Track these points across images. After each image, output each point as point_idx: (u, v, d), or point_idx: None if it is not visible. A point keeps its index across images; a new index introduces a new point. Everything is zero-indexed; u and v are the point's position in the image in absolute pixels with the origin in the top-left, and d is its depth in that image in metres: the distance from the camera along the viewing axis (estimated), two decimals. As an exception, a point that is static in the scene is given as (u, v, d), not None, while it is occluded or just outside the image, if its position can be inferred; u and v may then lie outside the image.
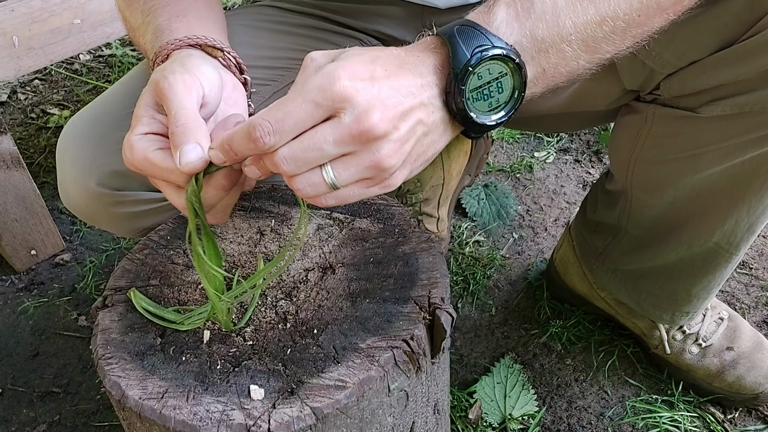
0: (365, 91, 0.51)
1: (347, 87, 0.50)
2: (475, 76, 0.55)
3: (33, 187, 1.37)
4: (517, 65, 0.56)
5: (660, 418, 1.08)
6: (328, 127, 0.51)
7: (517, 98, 0.58)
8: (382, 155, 0.52)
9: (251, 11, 0.99)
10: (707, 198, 0.88)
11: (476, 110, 0.57)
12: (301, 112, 0.51)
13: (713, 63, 0.73)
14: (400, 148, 0.53)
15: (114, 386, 0.57)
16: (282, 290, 0.65)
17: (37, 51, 1.39)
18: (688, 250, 0.95)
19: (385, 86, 0.52)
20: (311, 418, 0.53)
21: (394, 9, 0.96)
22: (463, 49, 0.54)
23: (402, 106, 0.53)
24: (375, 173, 0.53)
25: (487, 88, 0.56)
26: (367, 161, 0.52)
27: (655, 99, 0.84)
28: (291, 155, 0.52)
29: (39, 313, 1.36)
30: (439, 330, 0.61)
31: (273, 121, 0.51)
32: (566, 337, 1.22)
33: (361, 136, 0.51)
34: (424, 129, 0.55)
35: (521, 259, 1.40)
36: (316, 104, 0.51)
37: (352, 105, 0.50)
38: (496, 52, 0.54)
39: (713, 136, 0.79)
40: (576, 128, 1.64)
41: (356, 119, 0.50)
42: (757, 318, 1.25)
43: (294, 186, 0.54)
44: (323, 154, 0.52)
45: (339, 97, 0.50)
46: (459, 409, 1.10)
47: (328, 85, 0.50)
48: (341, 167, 0.53)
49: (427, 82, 0.55)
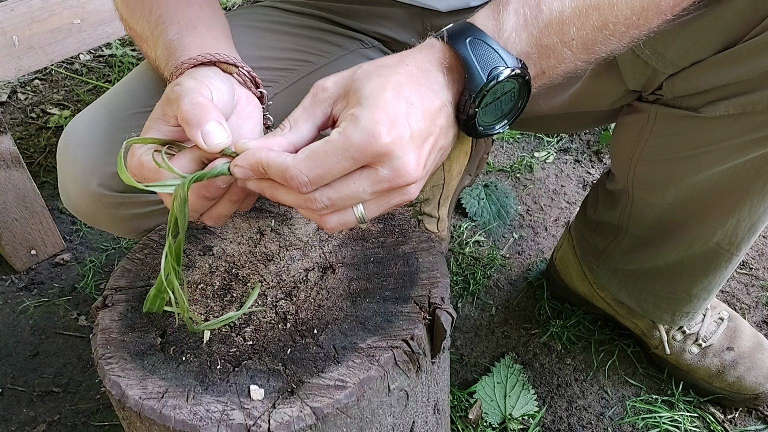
0: (401, 141, 0.52)
1: (387, 144, 0.51)
2: (488, 96, 0.57)
3: (33, 186, 1.37)
4: (525, 81, 0.57)
5: (660, 418, 1.08)
6: (366, 178, 0.53)
7: (520, 107, 0.59)
8: (411, 194, 0.55)
9: (252, 12, 0.99)
10: (709, 198, 0.88)
11: (483, 123, 0.58)
12: (340, 169, 0.52)
13: (716, 63, 0.73)
14: (424, 181, 0.56)
15: (114, 386, 0.57)
16: (282, 290, 0.65)
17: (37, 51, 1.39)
18: (688, 250, 0.95)
19: (416, 122, 0.53)
20: (311, 418, 0.53)
21: (394, 11, 0.96)
22: (478, 72, 0.55)
23: (429, 142, 0.55)
24: (400, 205, 0.57)
25: (497, 102, 0.58)
26: (398, 201, 0.55)
27: (658, 99, 0.84)
28: (328, 201, 0.53)
29: (39, 312, 1.36)
30: (439, 330, 0.61)
31: (311, 176, 0.52)
32: (566, 337, 1.22)
33: (399, 187, 0.53)
34: (441, 153, 0.58)
35: (521, 259, 1.40)
36: (356, 161, 0.52)
37: (391, 159, 0.52)
38: (509, 73, 0.56)
39: (715, 136, 0.79)
40: (578, 128, 1.63)
41: (395, 174, 0.52)
42: (757, 318, 1.25)
43: (324, 224, 0.55)
44: (359, 201, 0.54)
45: (379, 153, 0.51)
46: (459, 409, 1.10)
47: (369, 144, 0.51)
48: (373, 206, 0.55)
49: (443, 101, 0.56)
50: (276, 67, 0.91)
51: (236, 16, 0.96)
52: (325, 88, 0.57)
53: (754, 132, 0.76)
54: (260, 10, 0.99)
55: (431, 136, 0.55)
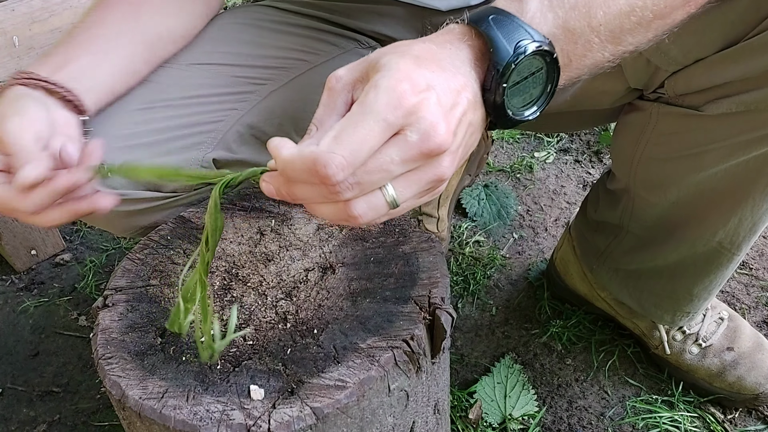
0: (427, 101, 0.48)
1: (415, 104, 0.47)
2: (515, 73, 0.53)
3: (33, 186, 1.37)
4: (554, 59, 0.54)
5: (660, 418, 1.08)
6: (393, 146, 0.48)
7: (549, 93, 0.56)
8: (444, 168, 0.50)
9: (251, 10, 0.99)
10: (711, 197, 0.88)
11: (512, 107, 0.54)
12: (375, 137, 0.47)
13: (718, 61, 0.73)
14: (456, 156, 0.51)
15: (114, 386, 0.57)
16: (282, 290, 0.65)
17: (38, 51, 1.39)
18: (690, 249, 0.95)
19: (441, 92, 0.49)
20: (311, 418, 0.53)
21: (394, 9, 0.96)
22: (504, 44, 0.52)
23: (458, 112, 0.50)
24: (435, 185, 0.51)
25: (524, 84, 0.54)
26: (430, 175, 0.50)
27: (659, 97, 0.83)
28: (355, 180, 0.48)
29: (39, 312, 1.36)
30: (439, 330, 0.60)
31: (347, 154, 0.46)
32: (566, 337, 1.22)
33: (430, 153, 0.48)
34: (472, 130, 0.53)
35: (521, 259, 1.40)
36: (388, 124, 0.47)
37: (419, 120, 0.47)
38: (537, 47, 0.52)
39: (717, 134, 0.79)
40: (579, 127, 1.63)
41: (424, 136, 0.47)
42: (757, 318, 1.25)
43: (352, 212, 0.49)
44: (389, 175, 0.49)
45: (410, 111, 0.47)
46: (459, 409, 1.10)
47: (398, 102, 0.47)
48: (403, 184, 0.50)
49: (468, 78, 0.53)
50: (272, 65, 0.91)
51: (235, 15, 0.96)
52: (340, 77, 0.53)
53: (756, 130, 0.76)
54: (258, 8, 0.99)
55: (459, 105, 0.50)
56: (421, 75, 0.49)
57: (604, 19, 0.55)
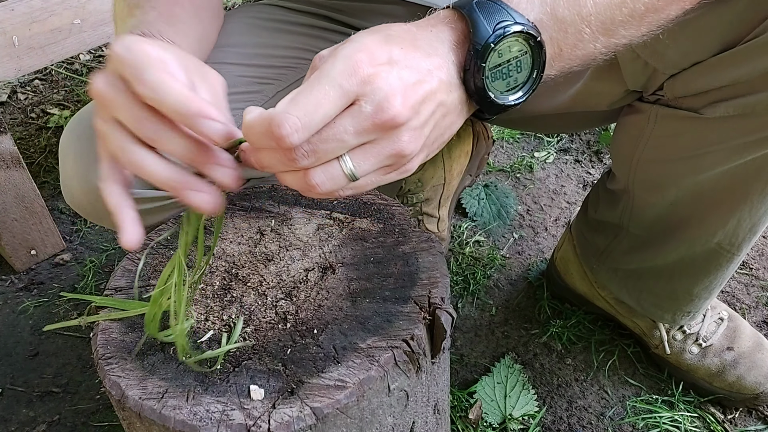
0: (386, 75, 0.48)
1: (370, 74, 0.48)
2: (495, 54, 0.53)
3: (33, 186, 1.37)
4: (538, 43, 0.54)
5: (660, 418, 1.08)
6: (347, 116, 0.48)
7: (535, 78, 0.56)
8: (403, 143, 0.50)
9: (253, 9, 0.99)
10: (709, 198, 0.88)
11: (494, 90, 0.54)
12: (329, 102, 0.47)
13: (717, 64, 0.73)
14: (419, 134, 0.51)
15: (114, 386, 0.57)
16: (282, 290, 0.65)
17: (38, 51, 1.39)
18: (689, 249, 0.95)
19: (404, 68, 0.50)
20: (311, 418, 0.53)
21: (395, 8, 0.96)
22: (484, 24, 0.52)
23: (422, 90, 0.50)
24: (395, 161, 0.51)
25: (507, 67, 0.54)
26: (387, 150, 0.50)
27: (658, 99, 0.84)
28: (310, 148, 0.48)
29: (39, 312, 1.36)
30: (439, 330, 0.60)
31: (301, 115, 0.47)
32: (566, 337, 1.22)
33: (384, 125, 0.48)
34: (443, 111, 0.53)
35: (521, 259, 1.40)
36: (343, 90, 0.48)
37: (373, 91, 0.48)
38: (518, 29, 0.52)
39: (716, 137, 0.79)
40: (578, 129, 1.63)
41: (378, 107, 0.48)
42: (757, 318, 1.25)
43: (310, 181, 0.50)
44: (343, 145, 0.49)
45: (364, 80, 0.48)
46: (459, 409, 1.10)
47: (353, 69, 0.48)
48: (360, 157, 0.50)
49: (445, 60, 0.53)
50: (277, 65, 0.91)
51: (237, 14, 0.96)
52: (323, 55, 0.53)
53: (754, 133, 0.76)
54: (261, 7, 0.99)
55: (425, 83, 0.50)
56: (384, 50, 0.50)
57: (594, 9, 0.55)
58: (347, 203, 0.74)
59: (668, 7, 0.59)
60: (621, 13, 0.57)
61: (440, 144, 0.55)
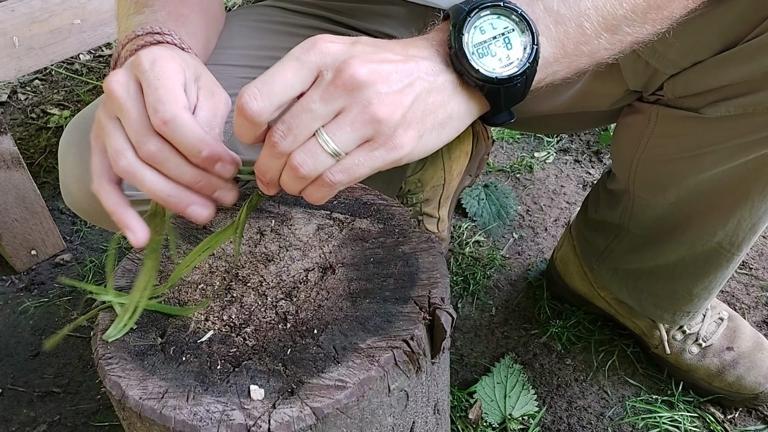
0: (346, 48, 0.50)
1: (329, 45, 0.50)
2: (476, 30, 0.53)
3: (33, 187, 1.37)
4: (521, 17, 0.53)
5: (660, 418, 1.08)
6: (313, 88, 0.50)
7: (531, 54, 0.54)
8: (372, 102, 0.49)
9: (253, 11, 0.99)
10: (710, 198, 0.88)
11: (483, 65, 0.53)
12: (288, 73, 0.50)
13: (717, 63, 0.73)
14: (393, 98, 0.50)
15: (114, 386, 0.57)
16: (282, 290, 0.65)
17: (38, 51, 1.39)
18: (689, 249, 0.95)
19: (368, 46, 0.51)
20: (311, 418, 0.53)
21: (396, 9, 0.96)
22: (461, 6, 0.53)
23: (388, 61, 0.51)
24: (374, 128, 0.50)
25: (493, 43, 0.54)
26: (357, 112, 0.49)
27: (659, 99, 0.84)
28: (285, 126, 0.50)
29: (39, 313, 1.36)
30: (439, 330, 0.61)
31: (259, 84, 0.50)
32: (566, 337, 1.22)
33: (345, 86, 0.49)
34: (424, 84, 0.52)
35: (521, 259, 1.40)
36: (301, 62, 0.50)
37: (333, 59, 0.50)
38: (495, 2, 0.53)
39: (717, 137, 0.79)
40: (578, 129, 1.64)
41: (337, 70, 0.49)
42: (757, 318, 1.25)
43: (292, 162, 0.51)
44: (314, 116, 0.50)
45: (321, 53, 0.50)
46: (459, 409, 1.10)
47: (311, 45, 0.50)
48: (335, 127, 0.50)
49: (423, 49, 0.53)
50: None
51: (237, 16, 0.96)
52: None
53: (755, 133, 0.76)
54: (261, 9, 0.99)
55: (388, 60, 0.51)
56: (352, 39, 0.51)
57: (592, 4, 0.55)
58: (347, 203, 0.74)
59: (670, 5, 0.59)
60: (622, 8, 0.56)
61: (435, 124, 0.53)
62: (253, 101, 0.50)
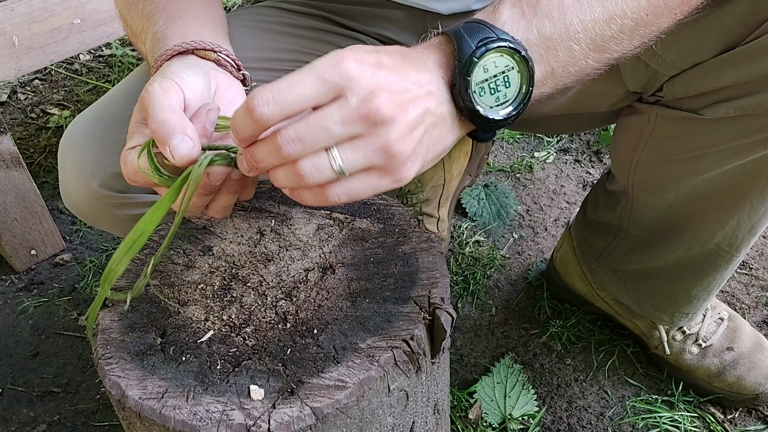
0: (372, 74, 0.50)
1: (354, 68, 0.49)
2: (480, 69, 0.54)
3: (33, 187, 1.37)
4: (523, 58, 0.55)
5: (660, 418, 1.08)
6: (334, 106, 0.49)
7: (525, 93, 0.57)
8: (391, 139, 0.50)
9: (253, 12, 0.99)
10: (709, 199, 0.88)
11: (483, 104, 0.55)
12: (306, 86, 0.49)
13: (717, 65, 0.73)
14: (409, 135, 0.51)
15: (114, 386, 0.57)
16: (282, 290, 0.65)
17: (37, 51, 1.39)
18: (688, 251, 0.95)
19: (391, 73, 0.51)
20: (311, 418, 0.53)
21: (396, 12, 0.96)
22: (468, 42, 0.54)
23: (409, 93, 0.51)
24: (384, 160, 0.51)
25: (494, 82, 0.55)
26: (375, 144, 0.50)
27: (658, 100, 0.84)
28: (296, 135, 0.50)
29: (39, 312, 1.36)
30: (439, 330, 0.61)
31: (274, 90, 0.49)
32: (566, 337, 1.22)
33: (369, 117, 0.49)
34: (432, 119, 0.54)
35: (521, 259, 1.40)
36: (323, 79, 0.49)
37: (359, 86, 0.49)
38: (501, 44, 0.54)
39: (716, 138, 0.79)
40: (578, 129, 1.64)
41: (363, 99, 0.49)
42: (757, 318, 1.25)
43: (298, 169, 0.51)
44: (330, 135, 0.50)
45: (346, 75, 0.49)
46: (459, 409, 1.10)
47: (336, 63, 0.49)
48: (348, 150, 0.50)
49: (433, 74, 0.54)
50: (277, 68, 0.91)
51: (237, 17, 0.96)
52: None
53: (754, 134, 0.76)
54: (261, 10, 0.99)
55: (412, 89, 0.52)
56: (373, 56, 0.51)
57: (582, 27, 0.56)
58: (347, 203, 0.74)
59: (658, 20, 0.60)
60: (610, 30, 0.58)
61: (434, 156, 0.56)
62: (264, 106, 0.49)
